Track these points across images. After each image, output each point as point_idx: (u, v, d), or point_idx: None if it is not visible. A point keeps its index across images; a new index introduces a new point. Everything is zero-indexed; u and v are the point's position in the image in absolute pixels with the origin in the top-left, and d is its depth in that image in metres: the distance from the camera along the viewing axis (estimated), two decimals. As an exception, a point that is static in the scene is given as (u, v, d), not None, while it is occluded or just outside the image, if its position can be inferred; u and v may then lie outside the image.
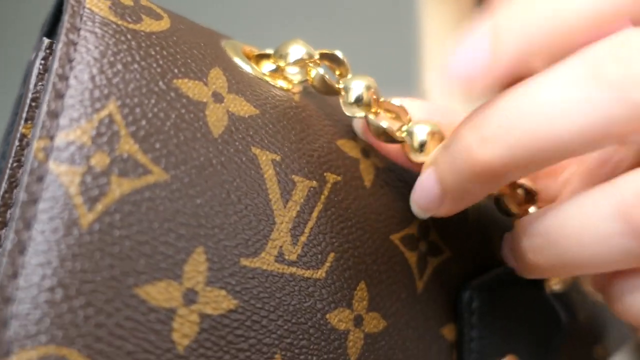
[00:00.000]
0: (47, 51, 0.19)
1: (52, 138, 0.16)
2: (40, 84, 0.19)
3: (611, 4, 0.17)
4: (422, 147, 0.20)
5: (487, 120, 0.18)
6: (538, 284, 0.26)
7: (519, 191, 0.23)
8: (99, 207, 0.16)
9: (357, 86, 0.21)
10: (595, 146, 0.17)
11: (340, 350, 0.20)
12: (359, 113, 0.21)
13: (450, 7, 0.47)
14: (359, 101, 0.21)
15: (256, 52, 0.22)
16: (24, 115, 0.19)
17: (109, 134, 0.17)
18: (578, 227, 0.18)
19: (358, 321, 0.21)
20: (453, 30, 0.47)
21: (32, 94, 0.19)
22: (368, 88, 0.21)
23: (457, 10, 0.47)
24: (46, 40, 0.19)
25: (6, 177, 0.18)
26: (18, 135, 0.19)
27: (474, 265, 0.25)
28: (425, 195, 0.21)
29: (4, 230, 0.18)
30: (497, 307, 0.24)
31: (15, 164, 0.18)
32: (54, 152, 0.16)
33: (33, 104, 0.19)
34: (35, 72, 0.19)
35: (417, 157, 0.21)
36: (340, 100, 0.21)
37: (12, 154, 0.18)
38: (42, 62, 0.19)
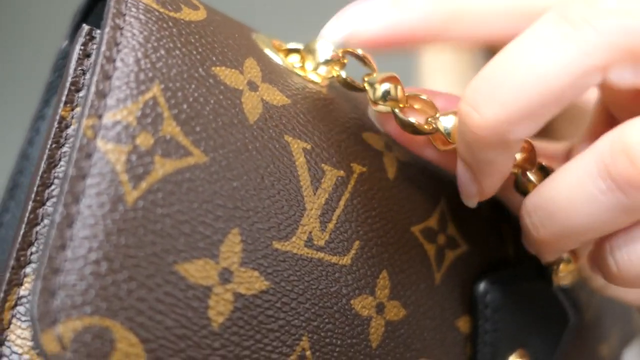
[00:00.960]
0: (87, 37, 0.20)
1: (100, 117, 0.16)
2: (79, 68, 0.20)
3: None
4: (449, 136, 0.21)
5: (477, 88, 0.19)
6: (547, 280, 0.26)
7: (537, 172, 0.23)
8: (144, 185, 0.16)
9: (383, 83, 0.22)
10: (581, 85, 0.18)
11: (362, 335, 0.21)
12: (386, 108, 0.22)
13: None
14: (385, 97, 0.22)
15: (284, 46, 0.23)
16: (63, 98, 0.19)
17: (153, 116, 0.17)
18: (568, 193, 0.19)
19: (380, 308, 0.21)
20: None
21: (72, 78, 0.19)
22: (395, 85, 0.22)
23: None
24: (86, 27, 0.20)
25: (45, 157, 0.19)
26: (57, 117, 0.19)
27: (489, 259, 0.25)
28: (463, 182, 0.22)
29: (41, 209, 0.19)
30: (511, 301, 0.25)
31: (54, 145, 0.19)
32: (102, 130, 0.16)
33: (72, 87, 0.19)
34: (75, 56, 0.20)
35: (445, 147, 0.22)
36: (368, 96, 0.22)
37: (52, 135, 0.19)
38: (82, 47, 0.20)
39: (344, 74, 0.22)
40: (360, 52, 0.22)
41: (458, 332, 0.24)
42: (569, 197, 0.19)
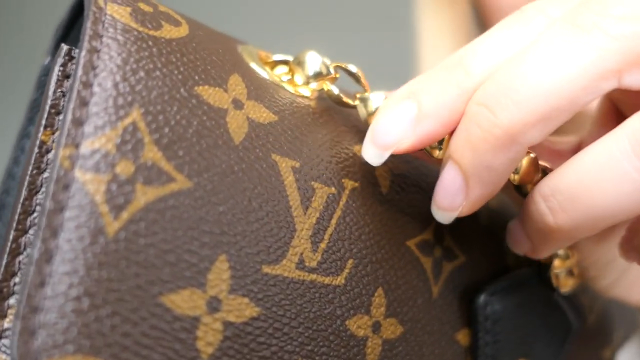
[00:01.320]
0: (66, 57, 0.19)
1: (77, 146, 0.16)
2: (59, 90, 0.19)
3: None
4: (440, 144, 0.20)
5: (491, 90, 0.19)
6: (549, 287, 0.26)
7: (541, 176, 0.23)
8: (125, 215, 0.16)
9: (376, 98, 0.21)
10: (596, 89, 0.18)
11: (359, 356, 0.20)
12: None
13: (447, 14, 0.47)
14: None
15: (271, 58, 0.22)
16: (43, 122, 0.19)
17: (133, 142, 0.16)
18: (596, 174, 0.18)
19: (376, 327, 0.21)
20: (449, 36, 0.47)
21: (51, 100, 0.19)
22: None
23: (453, 17, 0.47)
24: (65, 47, 0.19)
25: (26, 184, 0.18)
26: (37, 142, 0.19)
27: (487, 270, 0.25)
28: (447, 191, 0.20)
29: (24, 237, 0.18)
30: (511, 311, 0.24)
31: (35, 171, 0.18)
32: (80, 160, 0.16)
33: (52, 110, 0.19)
34: (54, 78, 0.19)
35: (437, 154, 0.21)
36: (360, 112, 0.21)
37: (32, 161, 0.18)
38: (61, 68, 0.19)
39: (335, 90, 0.22)
40: (354, 69, 0.22)
41: (458, 346, 0.24)
42: (597, 177, 0.18)
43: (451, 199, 0.20)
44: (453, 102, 0.20)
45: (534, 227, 0.21)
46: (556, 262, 0.26)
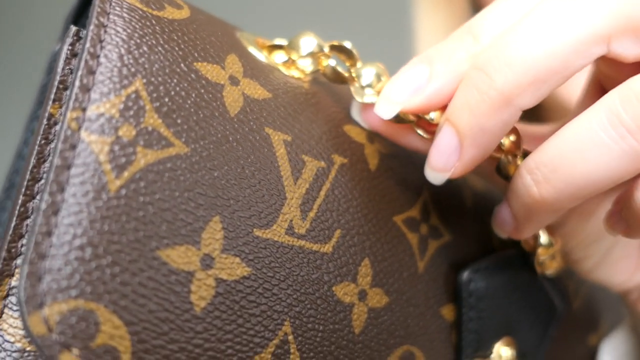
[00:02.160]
0: (74, 37, 0.21)
1: (84, 110, 0.17)
2: (67, 67, 0.20)
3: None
4: (432, 119, 0.22)
5: (487, 55, 0.20)
6: (533, 269, 0.27)
7: (522, 158, 0.24)
8: (126, 174, 0.17)
9: (368, 73, 0.22)
10: (586, 54, 0.20)
11: (345, 321, 0.21)
12: (370, 98, 0.22)
13: (444, 12, 0.49)
14: (370, 86, 0.22)
15: (268, 43, 0.24)
16: (52, 96, 0.20)
17: (136, 108, 0.18)
18: (578, 145, 0.20)
19: (362, 295, 0.22)
20: (447, 35, 0.48)
21: (60, 76, 0.20)
22: (378, 75, 0.22)
23: (451, 16, 0.49)
24: (73, 28, 0.21)
25: (34, 153, 0.20)
26: (46, 114, 0.20)
27: (473, 250, 0.26)
28: (442, 152, 0.21)
29: (31, 203, 0.20)
30: (495, 290, 0.25)
31: (43, 141, 0.20)
32: (86, 122, 0.17)
33: (60, 86, 0.20)
34: (62, 56, 0.20)
35: (429, 134, 0.22)
36: (351, 88, 0.23)
37: (40, 132, 0.20)
38: (70, 47, 0.20)
39: (333, 62, 0.23)
40: (349, 45, 0.23)
41: (443, 320, 0.25)
42: (578, 148, 0.20)
43: (445, 159, 0.22)
44: (461, 66, 0.21)
45: (519, 202, 0.22)
46: (540, 250, 0.27)
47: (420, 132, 0.23)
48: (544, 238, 0.26)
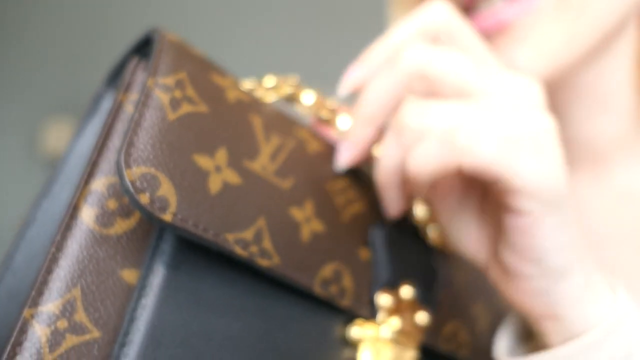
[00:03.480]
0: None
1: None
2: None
3: (391, 89, 0.32)
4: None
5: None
6: (420, 237, 0.36)
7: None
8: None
9: (309, 96, 0.35)
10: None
11: (296, 235, 0.31)
12: (312, 113, 0.35)
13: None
14: (311, 105, 0.35)
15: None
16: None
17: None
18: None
19: (308, 220, 0.31)
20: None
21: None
22: (316, 97, 0.35)
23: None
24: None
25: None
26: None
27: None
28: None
29: None
30: (397, 244, 0.34)
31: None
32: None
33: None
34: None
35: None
36: (299, 107, 0.35)
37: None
38: None
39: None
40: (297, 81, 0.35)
41: (360, 259, 0.34)
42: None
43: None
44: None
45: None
46: (420, 221, 0.36)
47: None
48: (419, 210, 0.36)
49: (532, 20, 0.39)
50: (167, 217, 0.26)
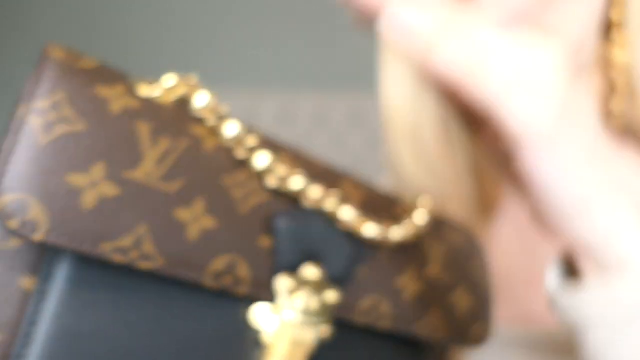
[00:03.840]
0: None
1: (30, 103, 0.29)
2: None
3: None
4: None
5: None
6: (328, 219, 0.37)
7: None
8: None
9: (202, 97, 0.35)
10: None
11: (183, 232, 0.34)
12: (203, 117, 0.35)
13: None
14: (202, 108, 0.35)
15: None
16: None
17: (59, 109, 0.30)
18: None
19: (196, 219, 0.33)
20: None
21: None
22: (210, 100, 0.35)
23: None
24: None
25: None
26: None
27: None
28: None
29: None
30: (301, 228, 0.35)
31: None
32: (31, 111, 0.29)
33: None
34: None
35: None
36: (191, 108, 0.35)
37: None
38: None
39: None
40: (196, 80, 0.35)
41: (261, 247, 0.35)
42: None
43: None
44: None
45: None
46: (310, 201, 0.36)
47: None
48: (330, 201, 0.37)
49: None
50: (40, 236, 0.29)
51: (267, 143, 0.37)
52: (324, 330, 0.36)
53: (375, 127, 1.94)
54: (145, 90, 0.34)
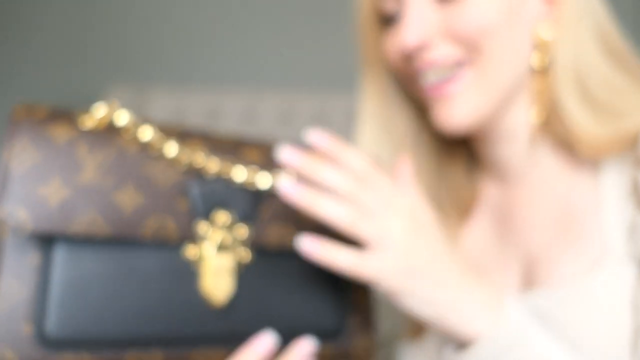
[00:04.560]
0: None
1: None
2: None
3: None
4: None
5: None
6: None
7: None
8: None
9: (124, 116, 0.50)
10: None
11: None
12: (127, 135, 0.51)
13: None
14: (124, 127, 0.50)
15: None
16: None
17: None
18: None
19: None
20: None
21: None
22: (128, 116, 0.50)
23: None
24: None
25: None
26: None
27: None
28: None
29: None
30: (216, 188, 0.51)
31: None
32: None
33: None
34: None
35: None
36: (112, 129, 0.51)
37: None
38: None
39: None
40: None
41: (179, 206, 0.51)
42: None
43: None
44: None
45: None
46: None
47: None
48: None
49: (461, 90, 0.60)
50: (29, 229, 0.45)
51: (176, 134, 0.51)
52: (244, 256, 0.52)
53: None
54: (83, 120, 0.49)
